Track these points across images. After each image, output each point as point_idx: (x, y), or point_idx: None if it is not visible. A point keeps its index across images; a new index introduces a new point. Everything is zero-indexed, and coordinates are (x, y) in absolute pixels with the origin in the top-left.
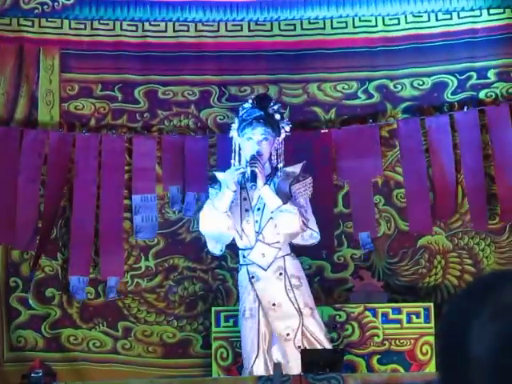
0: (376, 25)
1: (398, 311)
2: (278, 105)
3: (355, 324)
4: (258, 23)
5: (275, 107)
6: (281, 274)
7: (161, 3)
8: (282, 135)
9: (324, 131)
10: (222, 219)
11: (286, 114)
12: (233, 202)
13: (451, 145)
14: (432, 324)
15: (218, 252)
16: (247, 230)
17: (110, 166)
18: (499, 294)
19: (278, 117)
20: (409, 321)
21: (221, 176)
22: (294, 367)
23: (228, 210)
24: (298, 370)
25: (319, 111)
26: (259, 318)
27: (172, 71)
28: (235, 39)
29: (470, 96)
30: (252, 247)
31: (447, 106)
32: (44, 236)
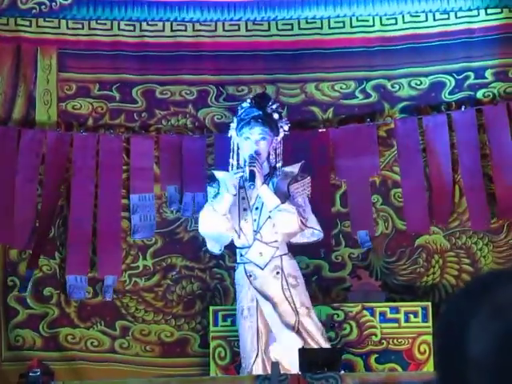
0: (373, 24)
1: (395, 310)
2: (276, 104)
3: (353, 323)
4: (255, 23)
5: (274, 106)
6: (278, 273)
7: (158, 3)
8: (281, 134)
9: (322, 131)
10: (220, 221)
11: (284, 114)
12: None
13: (448, 144)
14: (430, 323)
15: (218, 251)
16: (245, 229)
17: (107, 166)
18: (497, 294)
19: (276, 116)
20: (407, 320)
21: (220, 175)
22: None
23: (227, 213)
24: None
25: (317, 111)
26: (257, 316)
27: (170, 71)
28: (233, 39)
29: (467, 96)
30: (250, 246)
31: (445, 106)
32: (42, 235)
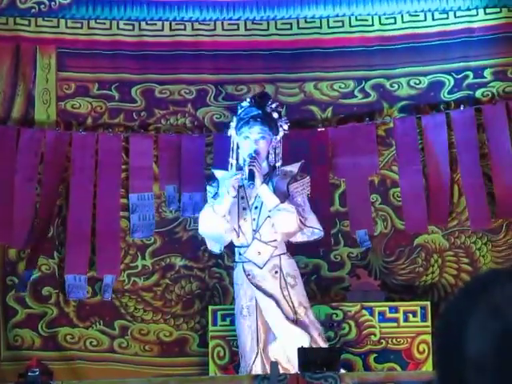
0: (372, 24)
1: (394, 310)
2: (276, 103)
3: (352, 323)
4: (254, 22)
5: (273, 106)
6: (276, 272)
7: (157, 3)
8: (281, 134)
9: (321, 130)
10: (220, 223)
11: (283, 113)
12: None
13: (447, 144)
14: (429, 323)
15: (218, 251)
16: (244, 228)
17: (106, 165)
18: (495, 293)
19: (275, 115)
20: (406, 319)
21: (219, 174)
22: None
23: (227, 214)
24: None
25: (316, 110)
26: (257, 316)
27: (169, 70)
28: (232, 38)
29: (466, 95)
30: (248, 245)
31: (444, 106)
32: (40, 235)
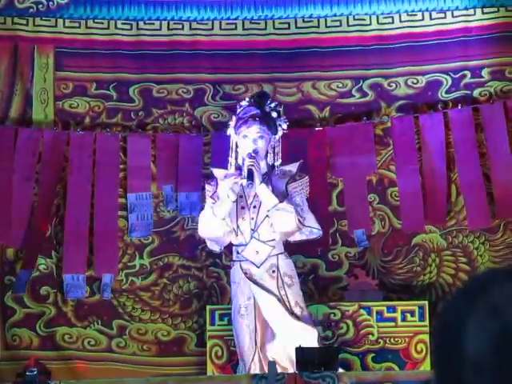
0: (370, 23)
1: (392, 309)
2: (275, 103)
3: (350, 322)
4: (252, 22)
5: (272, 105)
6: (274, 271)
7: (155, 2)
8: (280, 133)
9: (318, 129)
10: (219, 225)
11: (281, 113)
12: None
13: (444, 143)
14: (426, 322)
15: (218, 250)
16: (242, 227)
17: (104, 165)
18: (493, 293)
19: (274, 115)
20: (403, 319)
21: (218, 173)
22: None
23: (226, 217)
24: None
25: (313, 109)
26: (255, 315)
27: (166, 69)
28: (229, 38)
29: (463, 95)
30: (246, 244)
31: (441, 105)
32: (38, 235)
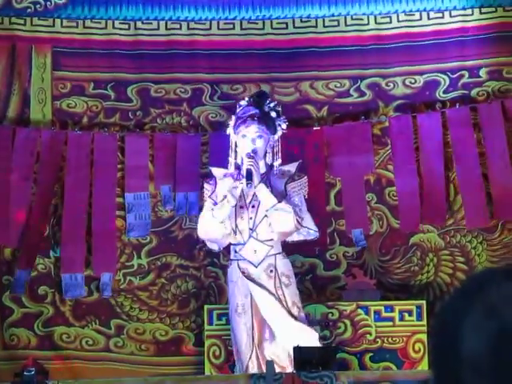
0: (368, 23)
1: (390, 309)
2: (274, 102)
3: (348, 322)
4: (250, 22)
5: (271, 105)
6: (271, 271)
7: (153, 2)
8: (279, 133)
9: (316, 129)
10: (218, 228)
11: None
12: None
13: (442, 143)
14: (424, 322)
15: (216, 249)
16: (241, 227)
17: (102, 164)
18: (491, 293)
19: (273, 114)
20: (401, 319)
21: (216, 172)
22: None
23: (226, 220)
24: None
25: (311, 109)
26: (252, 313)
27: (164, 69)
28: (227, 37)
29: (461, 94)
30: (244, 243)
31: (439, 105)
32: (36, 235)
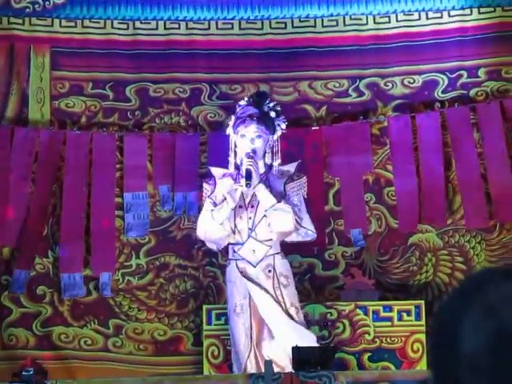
0: (367, 23)
1: (388, 309)
2: (273, 102)
3: (346, 322)
4: (248, 21)
5: (271, 105)
6: (270, 271)
7: (151, 2)
8: (278, 133)
9: (315, 128)
10: (217, 229)
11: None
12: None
13: (441, 142)
14: (423, 322)
15: (215, 249)
16: (240, 226)
17: (101, 164)
18: (490, 293)
19: (273, 114)
20: (400, 318)
21: (216, 172)
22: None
23: (225, 222)
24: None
25: (310, 109)
26: (250, 313)
27: (163, 69)
28: (226, 37)
29: (460, 94)
30: (243, 243)
31: (437, 105)
32: (34, 234)
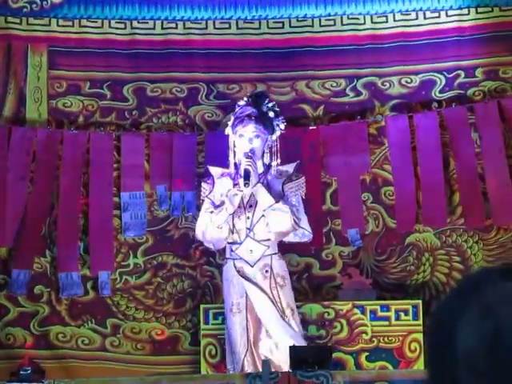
0: (364, 23)
1: (386, 308)
2: (272, 103)
3: (344, 321)
4: (246, 21)
5: (269, 105)
6: (267, 271)
7: (149, 1)
8: (277, 133)
9: (312, 128)
10: (215, 231)
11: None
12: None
13: (439, 142)
14: (420, 321)
15: (213, 248)
16: (238, 226)
17: (98, 164)
18: (488, 292)
19: (271, 115)
20: (397, 318)
21: (214, 172)
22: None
23: (223, 226)
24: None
25: (307, 108)
26: (246, 312)
27: (160, 68)
28: (223, 37)
29: (457, 94)
30: (241, 242)
31: (435, 105)
32: (33, 234)
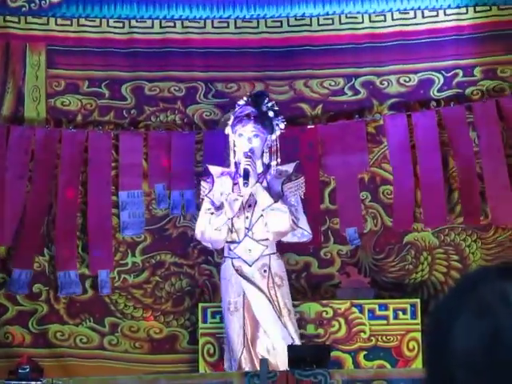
0: (362, 21)
1: (384, 307)
2: (272, 102)
3: (342, 320)
4: (244, 20)
5: (269, 105)
6: (265, 271)
7: (147, 0)
8: (277, 133)
9: (310, 127)
10: (213, 233)
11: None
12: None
13: (438, 141)
14: (418, 320)
15: (212, 247)
16: (237, 225)
17: (96, 163)
18: (486, 291)
19: (271, 114)
20: (395, 317)
21: (214, 171)
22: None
23: (222, 229)
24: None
25: (306, 107)
26: (244, 311)
27: (158, 67)
28: (222, 36)
29: (456, 93)
30: (239, 242)
31: (433, 104)
32: (32, 233)
